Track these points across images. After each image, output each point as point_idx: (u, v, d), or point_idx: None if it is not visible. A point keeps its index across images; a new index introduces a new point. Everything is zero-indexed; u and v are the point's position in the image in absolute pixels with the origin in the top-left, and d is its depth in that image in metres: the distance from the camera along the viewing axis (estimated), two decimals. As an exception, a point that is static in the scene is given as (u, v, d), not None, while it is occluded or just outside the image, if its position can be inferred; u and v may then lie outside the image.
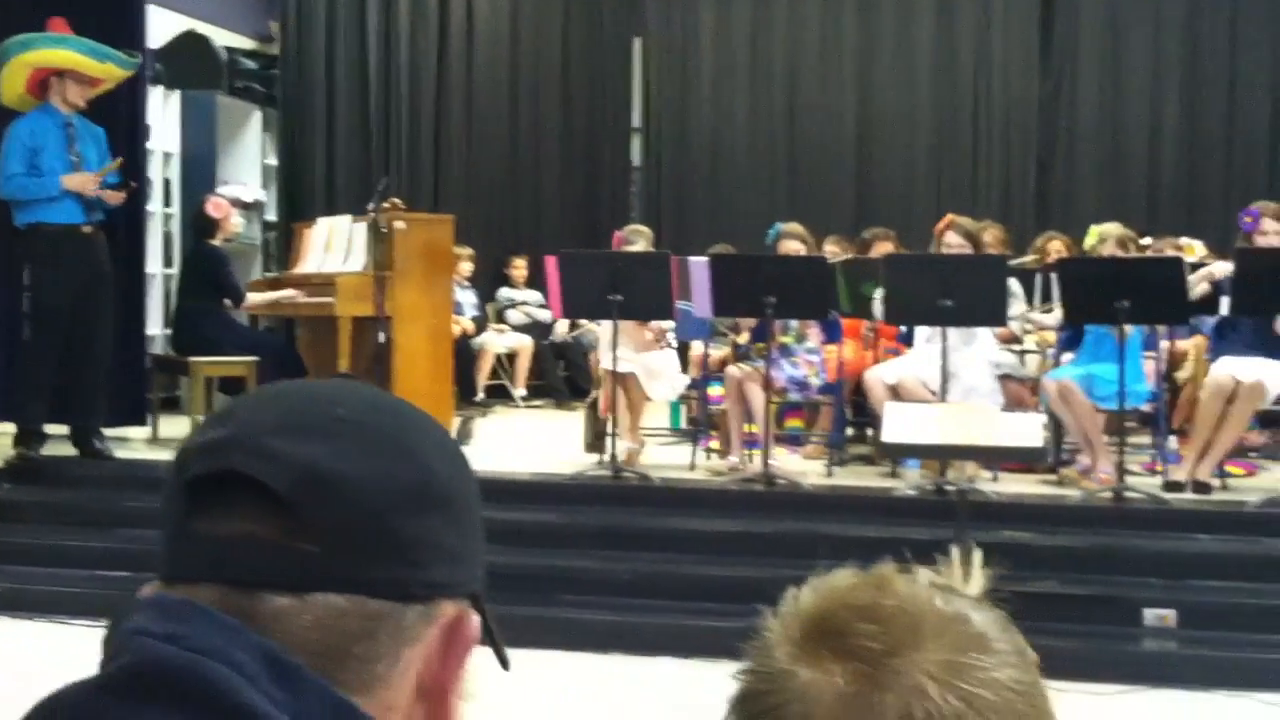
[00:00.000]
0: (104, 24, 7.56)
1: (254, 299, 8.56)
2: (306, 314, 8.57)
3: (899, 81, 11.79)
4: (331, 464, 0.82)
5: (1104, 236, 7.39)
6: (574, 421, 8.47)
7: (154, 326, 9.01)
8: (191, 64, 9.62)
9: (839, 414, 7.62)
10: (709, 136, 12.08)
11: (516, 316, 11.03)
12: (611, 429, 7.11)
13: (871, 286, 7.37)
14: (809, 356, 7.54)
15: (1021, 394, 7.56)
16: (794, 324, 7.50)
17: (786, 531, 6.26)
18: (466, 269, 10.53)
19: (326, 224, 8.75)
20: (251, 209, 10.29)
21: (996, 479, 7.00)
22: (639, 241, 7.79)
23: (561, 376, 11.01)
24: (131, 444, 7.87)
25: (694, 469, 7.39)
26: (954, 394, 6.73)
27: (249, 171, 10.44)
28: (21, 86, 7.08)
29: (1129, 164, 11.47)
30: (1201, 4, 11.40)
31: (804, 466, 7.52)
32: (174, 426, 8.10)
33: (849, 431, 8.11)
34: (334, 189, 10.42)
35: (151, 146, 8.93)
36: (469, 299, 10.66)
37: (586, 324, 10.20)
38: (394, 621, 0.83)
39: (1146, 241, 8.27)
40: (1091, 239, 7.65)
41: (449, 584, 0.86)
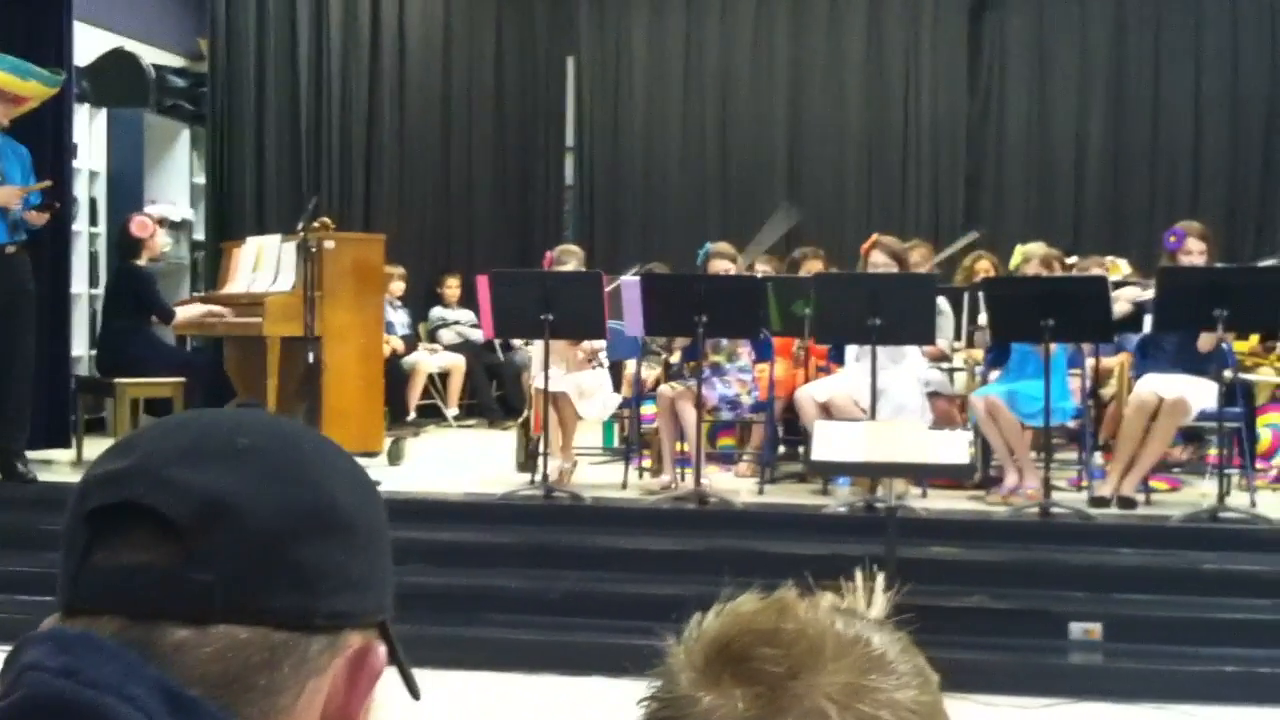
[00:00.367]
0: (29, 41, 7.47)
1: (182, 318, 8.45)
2: (235, 334, 8.49)
3: (830, 100, 11.89)
4: (232, 493, 0.81)
5: (1029, 256, 7.49)
6: (507, 441, 8.45)
7: (79, 347, 8.89)
8: (119, 81, 9.52)
9: (771, 432, 7.65)
10: (641, 155, 12.11)
11: (449, 336, 10.99)
12: (543, 448, 7.10)
13: (802, 305, 7.42)
14: (741, 375, 7.57)
15: (950, 411, 7.64)
16: (725, 342, 7.53)
17: (719, 549, 6.26)
18: (398, 288, 10.48)
19: (255, 243, 8.68)
20: (179, 228, 10.18)
21: (926, 495, 7.06)
22: (570, 261, 7.79)
23: (495, 396, 10.98)
24: (55, 466, 7.75)
25: (626, 488, 7.39)
26: (884, 411, 6.78)
27: (177, 190, 10.33)
28: (-56, 105, 6.97)
29: (1055, 183, 11.63)
30: (1126, 25, 11.59)
31: (736, 484, 7.55)
32: (99, 448, 7.83)
33: (781, 449, 8.14)
34: (263, 208, 10.33)
35: (78, 165, 8.82)
36: (401, 318, 10.61)
37: (519, 343, 10.19)
38: (298, 652, 0.82)
39: (1072, 260, 8.38)
40: (1017, 259, 7.76)
41: (354, 614, 0.86)
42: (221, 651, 0.80)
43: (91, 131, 9.32)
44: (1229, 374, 6.85)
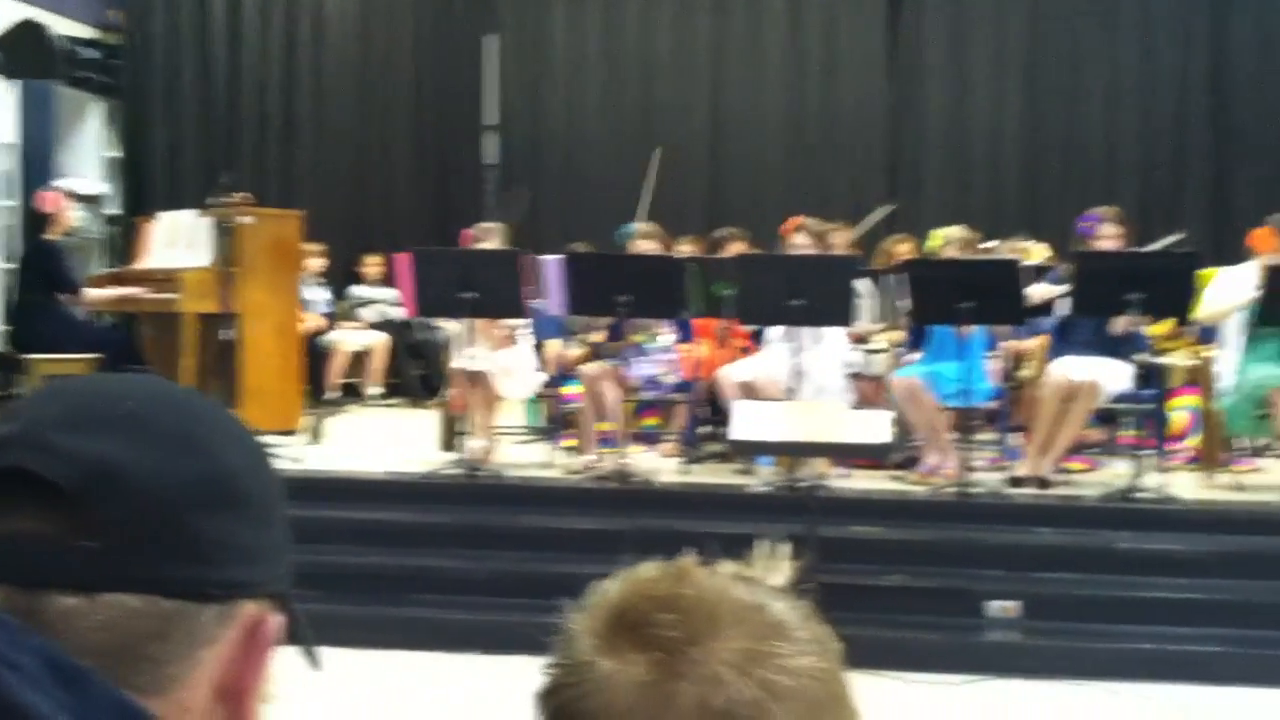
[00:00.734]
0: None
1: (94, 294, 8.29)
2: (149, 310, 8.34)
3: (751, 82, 11.92)
4: (119, 459, 0.79)
5: (947, 239, 7.57)
6: (429, 420, 8.38)
7: (-8, 324, 8.71)
8: (28, 53, 9.30)
9: (693, 412, 7.66)
10: (563, 134, 12.07)
11: (370, 314, 10.88)
12: (465, 427, 7.05)
13: (723, 286, 7.43)
14: (663, 355, 7.58)
15: (871, 392, 7.70)
16: (648, 322, 7.53)
17: (642, 528, 6.27)
18: (317, 265, 10.35)
19: (169, 218, 8.53)
20: (92, 202, 9.99)
21: (848, 475, 7.11)
22: (491, 239, 7.74)
23: (417, 375, 10.89)
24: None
25: (549, 467, 7.37)
26: (805, 392, 6.82)
27: (89, 164, 10.13)
28: None
29: (973, 168, 11.77)
30: (1042, 14, 11.74)
31: (659, 464, 7.55)
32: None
33: (704, 429, 8.17)
34: (177, 182, 10.17)
35: (-12, 138, 8.63)
36: (320, 296, 10.48)
37: (440, 322, 10.12)
38: (189, 622, 0.81)
39: (990, 245, 8.48)
40: (935, 241, 7.83)
41: (247, 583, 0.84)
42: (110, 621, 0.78)
43: (2, 105, 9.11)
44: (1143, 357, 6.98)
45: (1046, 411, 6.77)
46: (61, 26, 9.80)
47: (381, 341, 10.57)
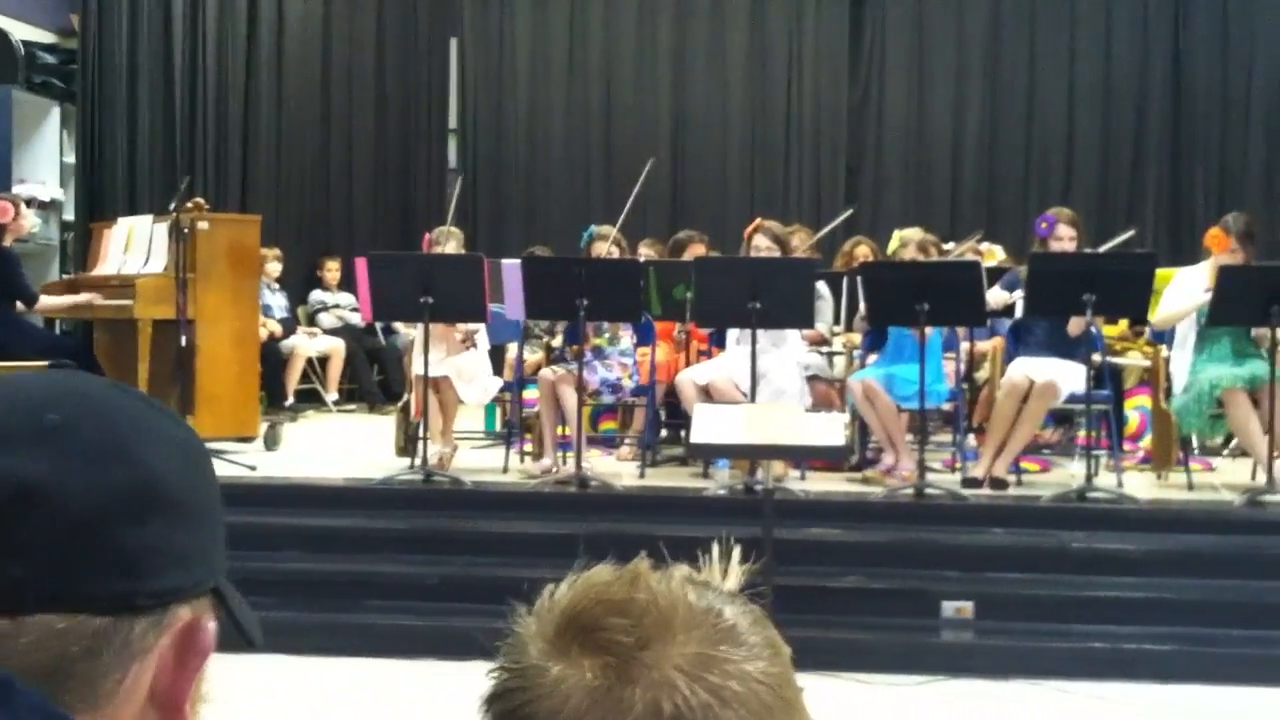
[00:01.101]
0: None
1: (49, 302, 8.23)
2: (105, 317, 8.28)
3: (712, 86, 11.95)
4: (42, 479, 0.77)
5: (905, 241, 7.60)
6: (387, 426, 8.35)
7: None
8: (-14, 57, 9.24)
9: (652, 416, 7.67)
10: (525, 139, 12.07)
11: (329, 319, 10.84)
12: (423, 433, 7.03)
13: (682, 289, 7.44)
14: (622, 359, 7.57)
15: (829, 394, 7.72)
16: (607, 326, 7.53)
17: (600, 533, 6.25)
18: (274, 270, 10.30)
19: (127, 224, 8.48)
20: (49, 208, 9.92)
21: (805, 478, 7.13)
22: (449, 243, 7.72)
23: (376, 380, 10.86)
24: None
25: (507, 472, 7.36)
26: (764, 395, 6.82)
27: (47, 169, 10.07)
28: None
29: (933, 170, 11.83)
30: (1002, 17, 11.81)
31: (618, 468, 7.55)
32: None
33: (662, 433, 8.17)
34: (135, 188, 10.11)
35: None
36: (279, 301, 10.43)
37: (401, 327, 10.09)
38: (120, 636, 0.79)
39: (948, 246, 8.51)
40: (894, 244, 7.86)
41: (181, 589, 0.82)
42: (38, 642, 0.77)
43: (-44, 109, 9.04)
44: (1098, 358, 7.02)
45: (1002, 412, 6.79)
46: (20, 31, 9.74)
47: (340, 347, 10.53)
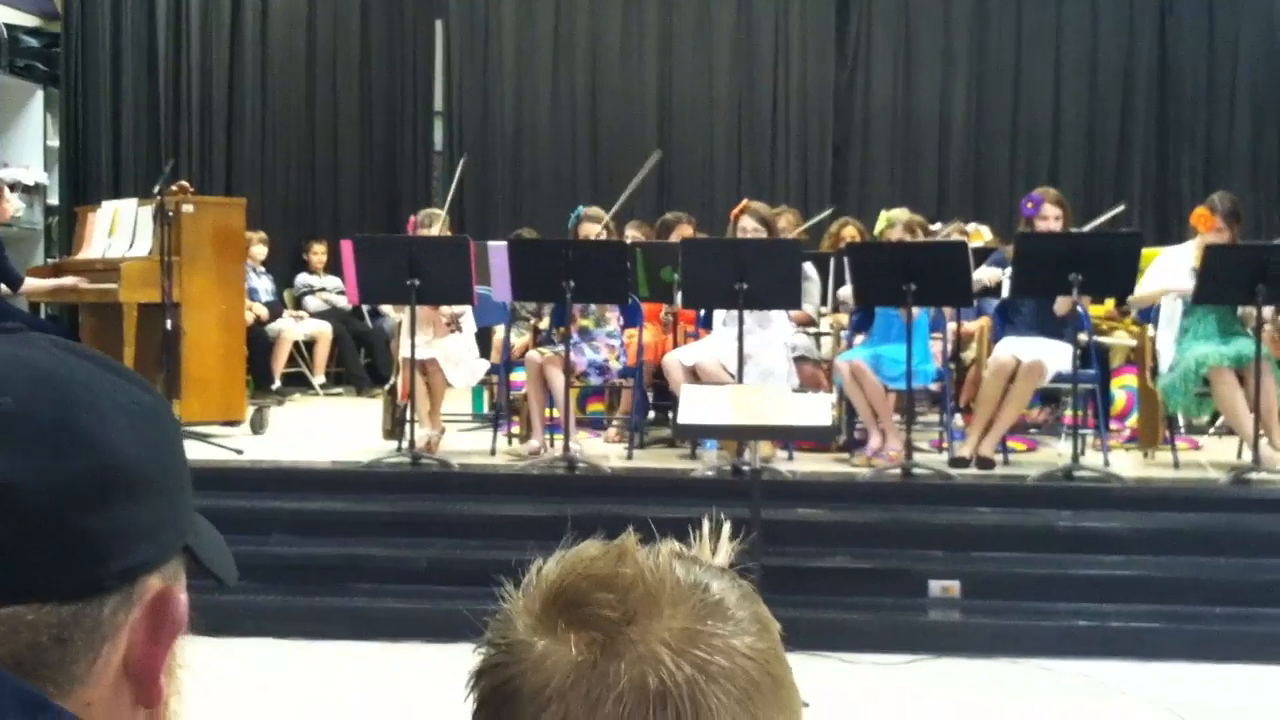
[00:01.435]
0: None
1: (34, 285, 8.20)
2: (90, 301, 8.26)
3: (699, 68, 11.92)
4: None
5: (892, 221, 7.60)
6: (374, 409, 8.35)
7: (-73, 315, 8.59)
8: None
9: (639, 397, 7.67)
10: (511, 120, 12.02)
11: (315, 303, 10.82)
12: (410, 415, 7.03)
13: (670, 271, 7.43)
14: (609, 340, 7.57)
15: (816, 375, 7.72)
16: (594, 308, 7.52)
17: (588, 515, 6.25)
18: (260, 253, 10.27)
19: (111, 207, 8.45)
20: (33, 192, 9.88)
21: (792, 458, 7.14)
22: (434, 225, 7.70)
23: (363, 364, 10.84)
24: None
25: (495, 454, 7.35)
26: (751, 376, 6.83)
27: (30, 153, 10.02)
28: None
29: (920, 151, 11.83)
30: (989, 0, 11.79)
31: (605, 450, 7.56)
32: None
33: (650, 415, 8.18)
34: (119, 171, 10.08)
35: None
36: (265, 284, 10.41)
37: (388, 310, 10.07)
38: (89, 620, 0.78)
39: (935, 227, 8.52)
40: (881, 224, 7.86)
41: (150, 562, 0.81)
42: (6, 635, 0.76)
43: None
44: (1084, 337, 7.04)
45: (989, 392, 6.81)
46: (3, 15, 9.68)
47: (326, 330, 10.51)
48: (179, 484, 0.85)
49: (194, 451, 6.85)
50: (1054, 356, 6.78)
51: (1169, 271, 6.89)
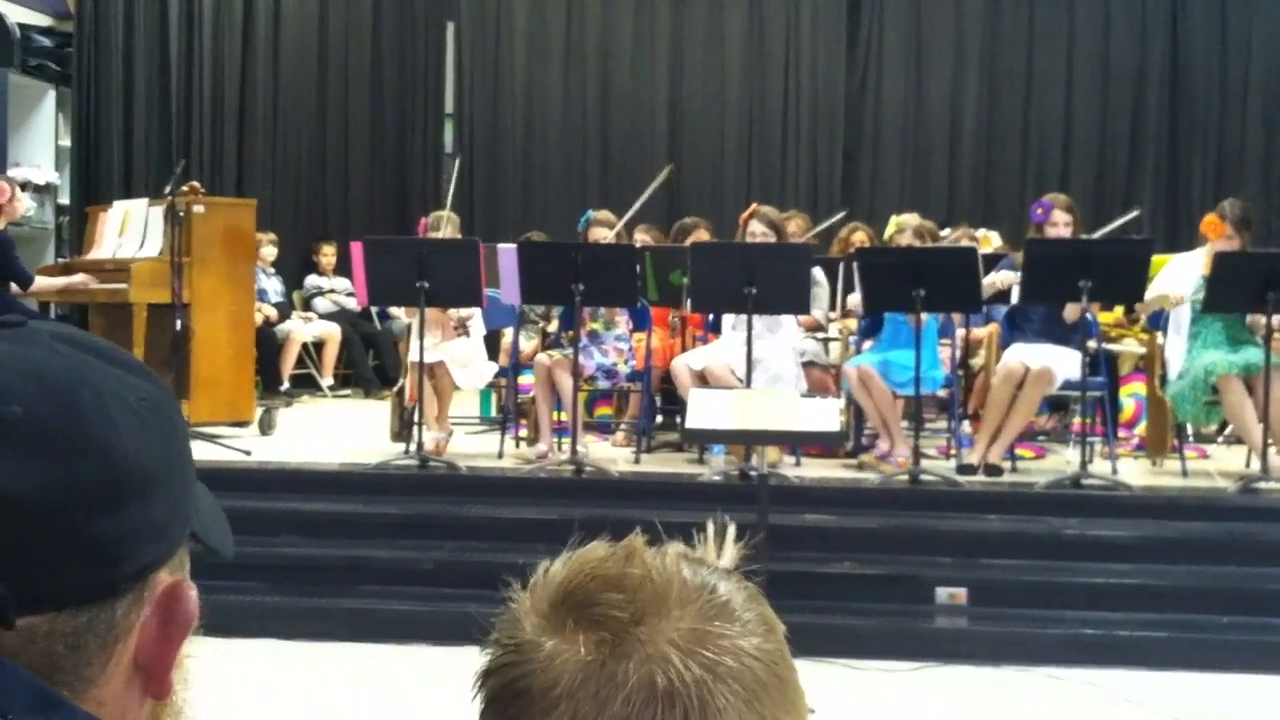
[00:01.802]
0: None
1: (44, 284, 8.22)
2: (100, 300, 8.28)
3: (710, 71, 11.92)
4: (8, 485, 0.74)
5: (902, 227, 7.59)
6: (382, 411, 8.36)
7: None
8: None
9: (647, 401, 7.67)
10: (522, 123, 12.03)
11: (324, 304, 10.83)
12: (418, 418, 7.03)
13: (679, 274, 7.43)
14: (618, 344, 7.57)
15: (824, 380, 7.72)
16: (603, 311, 7.53)
17: (595, 518, 6.25)
18: (270, 254, 10.29)
19: (122, 207, 8.47)
20: (44, 192, 9.90)
21: (800, 464, 7.14)
22: (445, 228, 7.71)
23: (371, 365, 10.85)
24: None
25: (503, 457, 7.36)
26: (759, 380, 6.83)
27: (42, 152, 10.04)
28: None
29: (930, 157, 11.81)
30: (1000, 4, 11.78)
31: (613, 453, 7.56)
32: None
33: (658, 419, 8.18)
34: (131, 172, 10.10)
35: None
36: (274, 285, 10.42)
37: (397, 312, 10.07)
38: (103, 624, 0.79)
39: (945, 233, 8.52)
40: (891, 229, 7.85)
41: (160, 557, 0.82)
42: (21, 645, 0.76)
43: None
44: (1093, 344, 7.03)
45: (997, 399, 6.80)
46: (16, 14, 9.71)
47: (335, 332, 10.52)
48: (184, 472, 0.85)
49: (202, 452, 6.87)
50: (1063, 364, 6.76)
51: (1178, 279, 6.88)
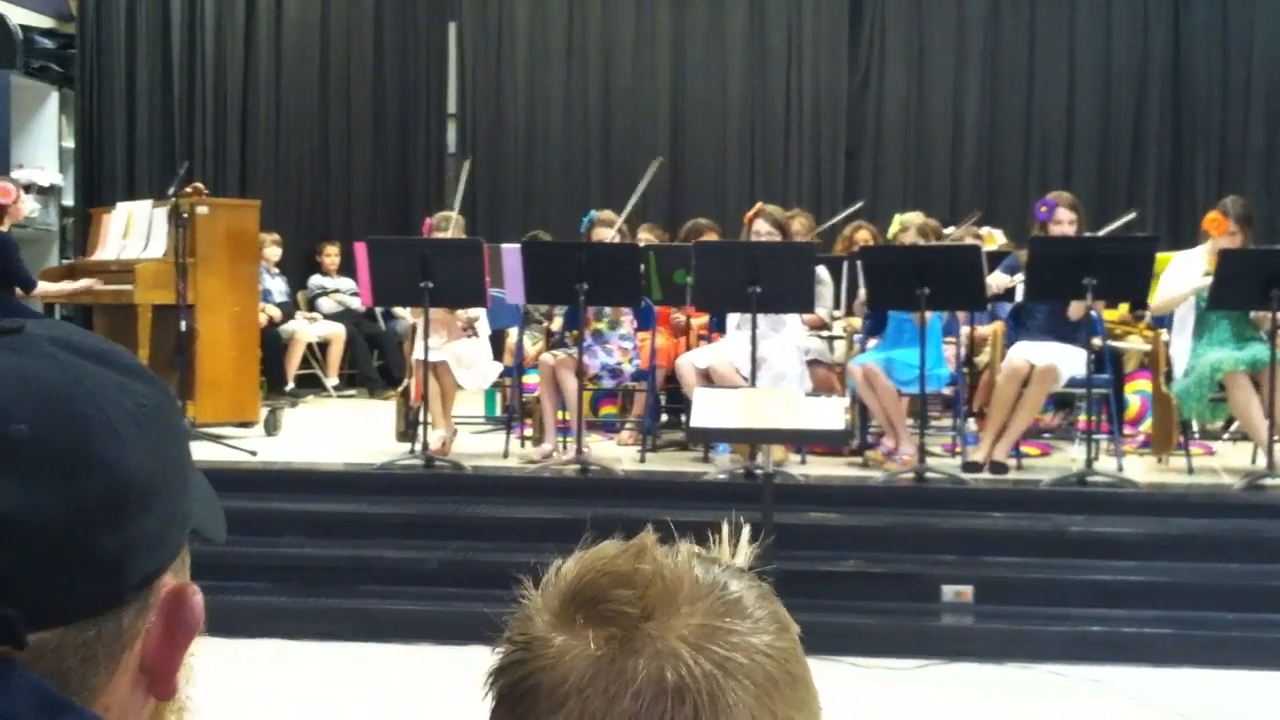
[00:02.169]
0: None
1: (48, 288, 8.23)
2: (105, 302, 8.29)
3: (712, 71, 11.91)
4: (12, 505, 0.74)
5: (906, 225, 7.58)
6: (387, 411, 8.37)
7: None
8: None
9: (652, 400, 7.67)
10: (524, 123, 12.03)
11: (329, 304, 10.84)
12: (423, 418, 7.04)
13: (683, 274, 7.43)
14: (622, 343, 7.57)
15: (829, 379, 7.72)
16: (607, 310, 7.53)
17: (600, 517, 6.26)
18: (274, 255, 10.29)
19: (126, 209, 8.48)
20: (48, 193, 9.91)
21: (805, 462, 7.13)
22: (449, 228, 7.71)
23: (376, 365, 10.86)
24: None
25: (508, 457, 7.36)
26: (764, 379, 6.83)
27: (45, 154, 10.05)
28: None
29: (933, 155, 11.81)
30: (1002, 3, 11.77)
31: (618, 453, 7.56)
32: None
33: (663, 418, 8.18)
34: (134, 173, 10.11)
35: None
36: (278, 286, 10.43)
37: (401, 312, 10.08)
38: (110, 634, 0.79)
39: (948, 231, 8.50)
40: (894, 228, 7.85)
41: (165, 563, 0.82)
42: (33, 660, 0.76)
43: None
44: (1098, 342, 7.02)
45: (1003, 396, 6.80)
46: (18, 16, 9.72)
47: (339, 332, 10.53)
48: (183, 473, 0.85)
49: (208, 452, 6.88)
50: (1068, 361, 6.76)
51: (1185, 275, 6.87)
